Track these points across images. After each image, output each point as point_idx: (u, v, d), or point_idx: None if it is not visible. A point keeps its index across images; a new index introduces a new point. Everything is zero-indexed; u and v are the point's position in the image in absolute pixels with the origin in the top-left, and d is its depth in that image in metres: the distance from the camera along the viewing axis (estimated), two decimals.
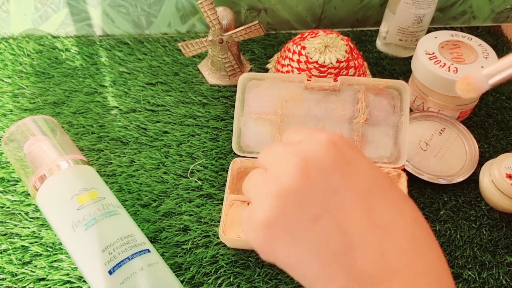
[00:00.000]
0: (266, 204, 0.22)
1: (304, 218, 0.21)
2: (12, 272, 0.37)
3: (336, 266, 0.21)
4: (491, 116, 0.49)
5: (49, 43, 0.56)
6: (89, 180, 0.37)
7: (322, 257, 0.21)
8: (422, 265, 0.21)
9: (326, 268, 0.21)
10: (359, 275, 0.20)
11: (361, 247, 0.21)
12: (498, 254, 0.39)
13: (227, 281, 0.37)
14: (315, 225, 0.21)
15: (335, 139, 0.23)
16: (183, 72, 0.53)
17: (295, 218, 0.21)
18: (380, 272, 0.20)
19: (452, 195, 0.43)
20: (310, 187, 0.21)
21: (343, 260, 0.21)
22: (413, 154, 0.44)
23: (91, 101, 0.50)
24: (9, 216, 0.41)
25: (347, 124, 0.42)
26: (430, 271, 0.21)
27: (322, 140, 0.23)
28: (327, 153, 0.22)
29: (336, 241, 0.21)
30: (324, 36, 0.46)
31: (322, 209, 0.21)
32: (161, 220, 0.41)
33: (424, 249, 0.21)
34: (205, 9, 0.45)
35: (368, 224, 0.21)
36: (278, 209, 0.22)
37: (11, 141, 0.40)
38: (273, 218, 0.22)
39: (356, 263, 0.21)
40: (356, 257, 0.21)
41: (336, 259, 0.21)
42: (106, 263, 0.33)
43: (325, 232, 0.21)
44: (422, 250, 0.21)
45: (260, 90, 0.43)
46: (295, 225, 0.21)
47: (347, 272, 0.21)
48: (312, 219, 0.21)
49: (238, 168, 0.43)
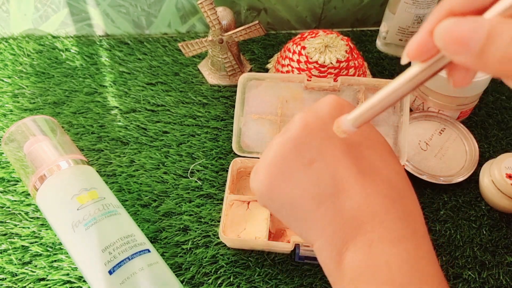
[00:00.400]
0: (269, 151, 0.25)
1: (301, 161, 0.24)
2: (12, 272, 0.37)
3: (325, 206, 0.23)
4: (491, 116, 0.49)
5: (49, 43, 0.56)
6: (89, 180, 0.37)
7: (313, 197, 0.23)
8: (400, 210, 0.23)
9: (315, 207, 0.23)
10: (345, 216, 0.23)
11: (348, 190, 0.23)
12: (498, 254, 0.39)
13: (227, 281, 0.37)
14: (309, 168, 0.24)
15: (340, 100, 0.26)
16: (183, 72, 0.53)
17: (292, 161, 0.24)
18: (363, 212, 0.22)
19: (452, 195, 0.43)
20: (308, 134, 0.24)
21: (331, 201, 0.23)
22: (413, 154, 0.44)
23: (91, 101, 0.50)
24: (9, 216, 0.41)
25: None
26: (407, 216, 0.23)
27: (327, 99, 0.26)
28: (327, 108, 0.25)
29: (326, 183, 0.23)
30: (324, 36, 0.46)
31: (317, 153, 0.24)
32: (161, 220, 0.41)
33: (403, 199, 0.24)
34: (205, 9, 0.45)
35: (355, 171, 0.23)
36: (278, 153, 0.24)
37: (11, 141, 0.40)
38: (273, 161, 0.24)
39: (342, 205, 0.23)
40: (343, 198, 0.23)
41: (325, 200, 0.23)
42: (106, 263, 0.33)
43: (318, 174, 0.23)
44: (401, 199, 0.24)
45: (260, 90, 0.43)
46: (292, 167, 0.24)
47: (334, 213, 0.23)
48: (307, 162, 0.24)
49: (238, 168, 0.43)
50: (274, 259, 0.38)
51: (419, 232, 0.23)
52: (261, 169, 0.25)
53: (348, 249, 0.22)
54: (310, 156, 0.24)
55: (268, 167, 0.25)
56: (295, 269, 0.38)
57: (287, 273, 0.38)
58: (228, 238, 0.37)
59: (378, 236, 0.22)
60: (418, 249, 0.22)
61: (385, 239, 0.22)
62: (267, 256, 0.39)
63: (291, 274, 0.38)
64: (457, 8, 0.18)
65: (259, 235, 0.38)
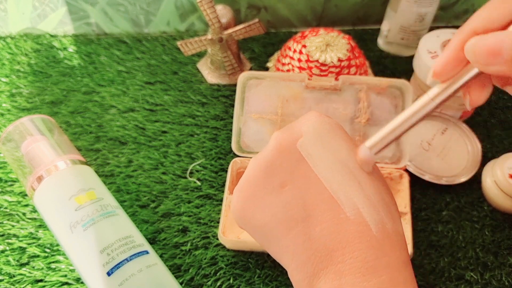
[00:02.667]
0: (246, 171, 0.25)
1: (272, 184, 0.23)
2: (10, 273, 0.37)
3: (295, 232, 0.22)
4: (494, 115, 0.49)
5: (47, 42, 0.56)
6: (87, 181, 0.37)
7: (283, 222, 0.23)
8: (375, 237, 0.21)
9: (286, 233, 0.23)
10: (315, 243, 0.22)
11: (318, 216, 0.22)
12: (501, 255, 0.39)
13: (226, 283, 0.37)
14: (280, 192, 0.23)
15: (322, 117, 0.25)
16: (182, 71, 0.53)
17: (263, 184, 0.23)
18: (333, 240, 0.21)
19: (455, 196, 0.42)
20: (280, 156, 0.23)
21: (302, 226, 0.22)
22: (415, 154, 0.43)
23: (89, 100, 0.50)
24: (6, 216, 0.41)
25: (349, 123, 0.41)
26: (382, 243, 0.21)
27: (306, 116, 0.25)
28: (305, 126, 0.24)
29: (297, 208, 0.22)
30: (325, 34, 0.46)
31: (289, 176, 0.23)
32: (160, 221, 0.41)
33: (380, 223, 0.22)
34: (204, 7, 0.45)
35: (329, 195, 0.22)
36: (250, 176, 0.24)
37: (9, 141, 0.40)
38: (245, 184, 0.24)
39: (312, 231, 0.22)
40: (313, 224, 0.22)
41: (295, 225, 0.22)
42: (104, 265, 0.32)
43: (289, 199, 0.23)
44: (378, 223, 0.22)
45: (260, 89, 0.42)
46: (263, 190, 0.23)
47: (304, 240, 0.22)
48: (278, 186, 0.23)
49: (237, 168, 0.42)
50: (274, 261, 0.38)
51: (396, 261, 0.21)
52: (236, 190, 0.25)
53: (319, 280, 0.21)
54: (282, 180, 0.23)
55: (240, 190, 0.24)
56: None
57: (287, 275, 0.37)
58: (227, 239, 0.37)
59: (349, 267, 0.20)
60: (393, 280, 0.20)
61: (356, 271, 0.20)
62: (267, 258, 0.38)
63: None
64: (480, 28, 0.20)
65: None
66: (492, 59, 0.19)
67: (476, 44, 0.19)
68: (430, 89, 0.22)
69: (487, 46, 0.19)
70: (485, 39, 0.19)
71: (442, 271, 0.38)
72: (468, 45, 0.20)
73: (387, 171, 0.41)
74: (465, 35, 0.20)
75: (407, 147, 0.40)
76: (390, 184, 0.42)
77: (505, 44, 0.18)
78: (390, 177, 0.41)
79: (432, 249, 0.39)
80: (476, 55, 0.19)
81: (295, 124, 0.25)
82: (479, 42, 0.19)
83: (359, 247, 0.21)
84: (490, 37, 0.19)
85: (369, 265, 0.20)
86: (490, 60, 0.19)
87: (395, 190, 0.41)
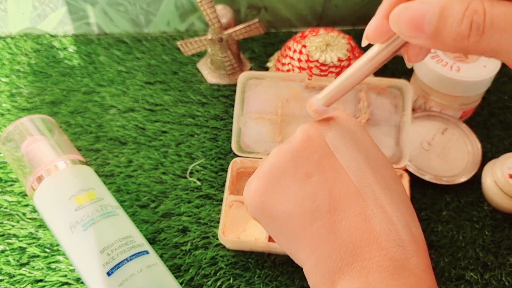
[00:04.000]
0: (267, 160, 0.24)
1: (298, 174, 0.23)
2: (10, 273, 0.37)
3: (319, 224, 0.21)
4: (494, 115, 0.49)
5: (47, 42, 0.56)
6: (87, 181, 0.37)
7: (307, 212, 0.22)
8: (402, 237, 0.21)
9: (308, 224, 0.22)
10: (340, 236, 0.21)
11: (345, 209, 0.21)
12: (501, 255, 0.39)
13: (226, 283, 0.37)
14: (306, 182, 0.22)
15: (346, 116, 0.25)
16: (182, 71, 0.53)
17: (289, 172, 0.23)
18: (361, 236, 0.21)
19: (455, 196, 0.42)
20: (308, 147, 0.23)
21: (327, 219, 0.21)
22: (415, 154, 0.43)
23: (89, 100, 0.50)
24: (6, 216, 0.41)
25: None
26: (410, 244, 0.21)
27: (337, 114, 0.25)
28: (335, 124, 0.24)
29: (322, 199, 0.22)
30: (325, 34, 0.46)
31: (316, 167, 0.23)
32: (160, 221, 0.41)
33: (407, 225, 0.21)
34: (204, 7, 0.45)
35: (355, 190, 0.22)
36: (275, 163, 0.23)
37: (9, 141, 0.40)
38: (270, 171, 0.23)
39: (338, 224, 0.21)
40: (339, 217, 0.21)
41: (320, 216, 0.21)
42: (104, 265, 0.32)
43: (314, 189, 0.22)
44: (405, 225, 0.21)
45: (260, 89, 0.42)
46: (288, 179, 0.23)
47: (329, 232, 0.21)
48: (304, 176, 0.23)
49: (237, 168, 0.42)
50: (274, 261, 0.38)
51: (422, 264, 0.21)
52: (256, 178, 0.24)
53: (342, 277, 0.20)
54: (308, 170, 0.23)
55: (263, 176, 0.24)
56: (295, 270, 0.38)
57: (288, 275, 0.37)
58: (227, 239, 0.37)
59: (377, 265, 0.20)
60: (420, 282, 0.20)
61: (384, 269, 0.20)
62: (267, 258, 0.38)
63: (291, 276, 0.37)
64: None
65: (259, 237, 0.37)
66: (414, 32, 0.17)
67: (399, 14, 0.18)
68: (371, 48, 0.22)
69: (409, 18, 0.17)
70: (408, 9, 0.17)
71: (442, 271, 0.38)
72: (392, 15, 0.18)
73: None
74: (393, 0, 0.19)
75: (407, 147, 0.40)
76: None
77: (427, 17, 0.17)
78: None
79: (432, 249, 0.39)
80: (399, 27, 0.18)
81: (322, 120, 0.25)
82: (402, 13, 0.18)
83: (386, 245, 0.20)
84: (413, 8, 0.17)
85: (397, 264, 0.20)
86: (412, 33, 0.17)
87: None
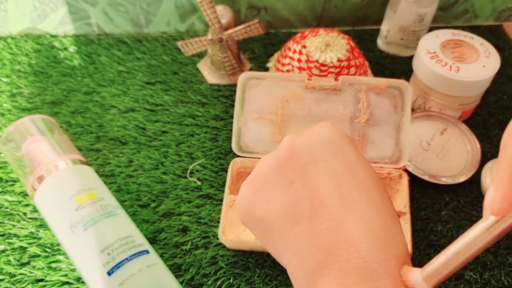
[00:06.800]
0: (257, 167, 0.26)
1: (281, 181, 0.24)
2: (10, 273, 0.37)
3: (300, 227, 0.23)
4: (493, 115, 0.49)
5: (48, 42, 0.56)
6: (87, 181, 0.37)
7: (290, 216, 0.23)
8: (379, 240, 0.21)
9: (290, 227, 0.23)
10: (319, 239, 0.22)
11: (325, 214, 0.22)
12: (500, 254, 0.39)
13: (226, 283, 0.37)
14: (289, 188, 0.24)
15: (334, 128, 0.26)
16: (182, 71, 0.53)
17: (273, 179, 0.24)
18: (339, 238, 0.21)
19: (454, 196, 0.42)
20: (292, 156, 0.24)
21: (308, 222, 0.22)
22: (414, 154, 0.43)
23: (90, 100, 0.50)
24: (7, 216, 0.41)
25: (348, 124, 0.42)
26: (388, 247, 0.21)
27: (320, 125, 0.26)
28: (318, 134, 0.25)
29: (304, 205, 0.23)
30: (325, 35, 0.46)
31: (299, 175, 0.24)
32: (160, 221, 0.41)
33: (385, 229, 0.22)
34: (204, 7, 0.45)
35: (337, 196, 0.23)
36: (260, 171, 0.25)
37: (9, 141, 0.40)
38: (255, 178, 0.25)
39: (318, 227, 0.22)
40: (319, 221, 0.22)
41: (301, 220, 0.23)
42: (104, 264, 0.32)
43: (297, 195, 0.23)
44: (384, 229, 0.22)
45: (260, 90, 0.42)
46: (272, 185, 0.24)
47: (309, 235, 0.22)
48: (288, 182, 0.24)
49: (238, 168, 0.42)
50: (274, 260, 0.38)
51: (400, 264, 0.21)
52: (244, 184, 0.26)
53: (322, 278, 0.21)
54: (292, 177, 0.24)
55: (251, 183, 0.25)
56: None
57: (287, 275, 0.37)
58: (227, 239, 0.37)
59: (354, 267, 0.20)
60: (398, 282, 0.20)
61: (362, 271, 0.20)
62: (267, 257, 0.38)
63: None
64: None
65: None
66: None
67: None
68: (487, 219, 0.19)
69: None
70: None
71: None
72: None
73: (386, 171, 0.41)
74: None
75: (406, 147, 0.40)
76: (389, 184, 0.42)
77: None
78: (390, 177, 0.42)
79: (432, 248, 0.39)
80: None
81: (309, 130, 0.26)
82: None
83: (365, 247, 0.21)
84: None
85: (375, 266, 0.20)
86: None
87: (394, 190, 0.42)
